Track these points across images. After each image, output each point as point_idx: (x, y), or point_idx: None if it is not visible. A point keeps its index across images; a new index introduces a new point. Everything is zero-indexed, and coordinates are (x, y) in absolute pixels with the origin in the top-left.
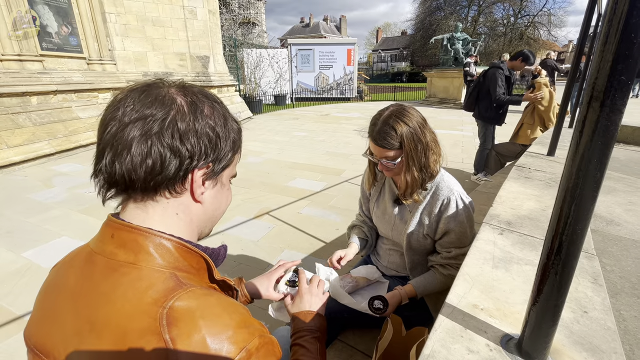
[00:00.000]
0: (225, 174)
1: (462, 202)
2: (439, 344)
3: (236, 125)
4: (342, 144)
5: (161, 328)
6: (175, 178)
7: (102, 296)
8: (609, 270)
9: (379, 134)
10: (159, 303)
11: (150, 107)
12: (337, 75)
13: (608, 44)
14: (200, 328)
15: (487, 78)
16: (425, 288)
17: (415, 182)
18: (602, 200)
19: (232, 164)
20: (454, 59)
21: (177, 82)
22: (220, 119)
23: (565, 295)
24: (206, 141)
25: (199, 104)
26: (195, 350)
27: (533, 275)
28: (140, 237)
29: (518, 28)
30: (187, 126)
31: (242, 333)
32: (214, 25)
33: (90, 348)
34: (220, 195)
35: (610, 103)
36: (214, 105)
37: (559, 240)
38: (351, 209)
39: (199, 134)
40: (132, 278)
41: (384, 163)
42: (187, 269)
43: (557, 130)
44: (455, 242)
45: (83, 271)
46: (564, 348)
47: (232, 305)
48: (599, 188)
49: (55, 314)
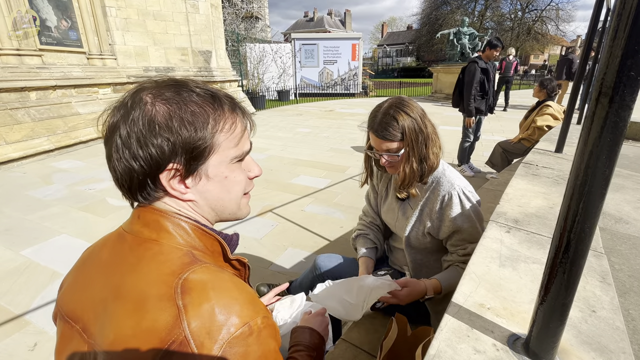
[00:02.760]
0: (213, 164)
1: (466, 196)
2: (445, 344)
3: (207, 109)
4: (346, 140)
5: (175, 295)
6: (145, 187)
7: (129, 266)
8: (617, 269)
9: (380, 125)
10: (176, 274)
11: (124, 116)
12: (342, 71)
13: (617, 39)
14: (211, 298)
15: (465, 73)
16: (449, 283)
17: (414, 175)
18: (610, 197)
19: (215, 153)
20: (461, 54)
21: (161, 81)
22: (176, 114)
23: (573, 294)
24: (173, 141)
25: (156, 104)
26: (203, 317)
27: (540, 274)
28: (162, 218)
29: (525, 23)
30: (142, 132)
31: (248, 309)
32: (216, 19)
33: (114, 312)
34: (221, 183)
35: (619, 99)
36: (173, 100)
37: (567, 238)
38: (356, 206)
39: (162, 138)
40: (155, 252)
41: (386, 158)
42: (203, 249)
43: (565, 126)
44: (468, 239)
45: (114, 247)
46: (572, 348)
47: (242, 284)
48: (608, 185)
49: (87, 284)
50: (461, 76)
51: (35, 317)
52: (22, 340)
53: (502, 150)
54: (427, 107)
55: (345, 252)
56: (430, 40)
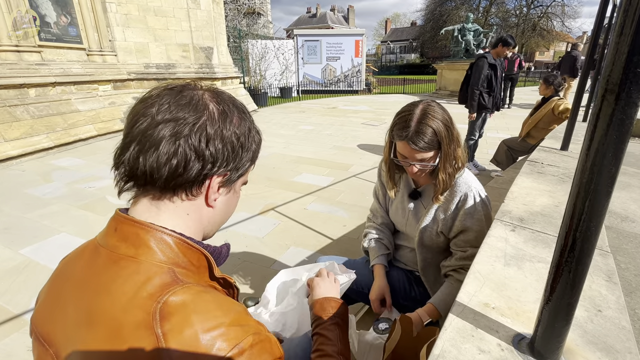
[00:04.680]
0: (239, 182)
1: (481, 199)
2: (449, 344)
3: (258, 137)
4: (349, 137)
5: (154, 322)
6: (194, 181)
7: (102, 288)
8: (623, 268)
9: (416, 135)
10: (154, 297)
11: (184, 110)
12: (345, 67)
13: (623, 35)
14: (193, 323)
15: (473, 69)
16: (445, 302)
17: (450, 179)
18: (616, 196)
19: (247, 173)
20: (465, 50)
21: (211, 88)
22: (245, 130)
23: (578, 293)
24: (229, 149)
25: (229, 112)
26: (186, 345)
27: (546, 273)
28: (142, 232)
29: (531, 19)
30: (215, 132)
31: (235, 330)
32: (217, 15)
33: (86, 341)
34: (231, 201)
35: (625, 96)
36: (242, 115)
37: (573, 237)
38: (359, 204)
39: (224, 142)
40: (131, 271)
41: (419, 167)
42: (187, 266)
43: (571, 124)
44: (472, 242)
45: (88, 262)
46: (578, 348)
47: (228, 303)
48: (614, 183)
49: (60, 303)
50: (469, 72)
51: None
52: (21, 340)
53: (507, 148)
54: None
55: (348, 251)
56: (434, 36)
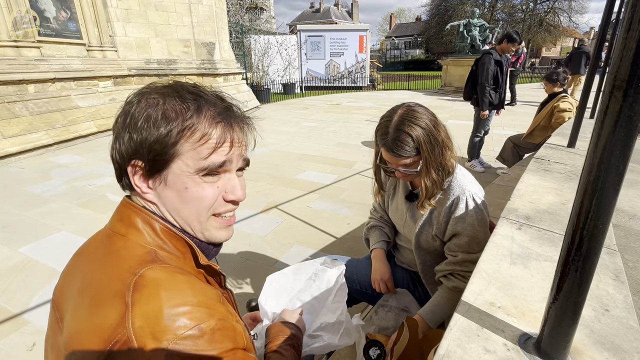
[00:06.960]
0: (174, 171)
1: (474, 202)
2: (455, 344)
3: (181, 114)
4: (353, 134)
5: (127, 292)
6: (121, 177)
7: (97, 260)
8: (631, 267)
9: (394, 143)
10: (132, 270)
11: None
12: (349, 63)
13: (631, 31)
14: (161, 297)
15: (479, 65)
16: (432, 312)
17: (436, 185)
18: (624, 194)
19: (178, 160)
20: (471, 46)
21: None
22: (146, 114)
23: (585, 292)
24: (136, 139)
25: (135, 102)
26: (149, 316)
27: (552, 271)
28: (133, 214)
29: (537, 14)
30: (123, 125)
31: (200, 311)
32: (219, 10)
33: (76, 306)
34: (179, 193)
35: (633, 92)
36: (151, 99)
37: (580, 235)
38: (363, 202)
39: (130, 134)
40: (119, 247)
41: (402, 171)
42: (172, 251)
43: (578, 120)
44: (463, 247)
45: (97, 238)
46: (585, 348)
47: (201, 286)
48: (622, 181)
49: (73, 273)
50: (474, 68)
51: (33, 316)
52: (21, 340)
53: (513, 145)
54: (436, 101)
55: (352, 249)
56: (439, 32)
